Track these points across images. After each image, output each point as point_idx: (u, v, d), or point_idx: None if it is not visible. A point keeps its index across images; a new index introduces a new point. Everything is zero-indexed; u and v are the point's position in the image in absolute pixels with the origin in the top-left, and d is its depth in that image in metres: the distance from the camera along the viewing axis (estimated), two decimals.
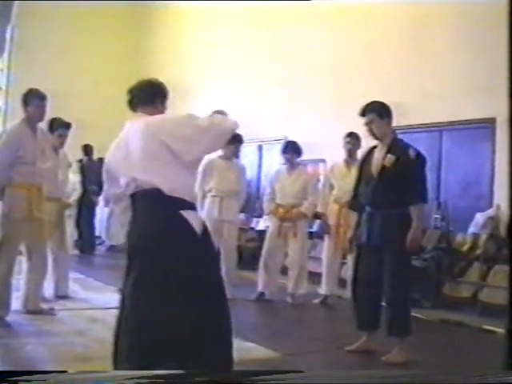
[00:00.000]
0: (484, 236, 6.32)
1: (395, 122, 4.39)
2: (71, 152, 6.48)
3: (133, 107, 3.07)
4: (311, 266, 6.97)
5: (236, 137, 5.79)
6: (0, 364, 3.71)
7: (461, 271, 6.40)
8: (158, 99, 3.09)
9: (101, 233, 10.39)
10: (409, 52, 7.71)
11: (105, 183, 3.10)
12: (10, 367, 3.54)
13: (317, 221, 7.43)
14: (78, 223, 9.37)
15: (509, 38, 2.65)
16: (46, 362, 3.71)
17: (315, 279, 6.98)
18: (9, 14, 12.47)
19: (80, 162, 9.79)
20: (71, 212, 7.45)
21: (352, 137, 6.13)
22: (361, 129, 4.63)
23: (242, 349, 3.85)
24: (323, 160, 8.37)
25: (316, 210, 6.45)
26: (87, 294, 6.14)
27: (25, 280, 5.00)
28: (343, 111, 7.61)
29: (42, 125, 5.17)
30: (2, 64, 12.82)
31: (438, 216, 6.97)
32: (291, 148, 6.48)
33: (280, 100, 9.62)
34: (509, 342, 2.66)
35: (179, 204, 2.82)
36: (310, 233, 7.32)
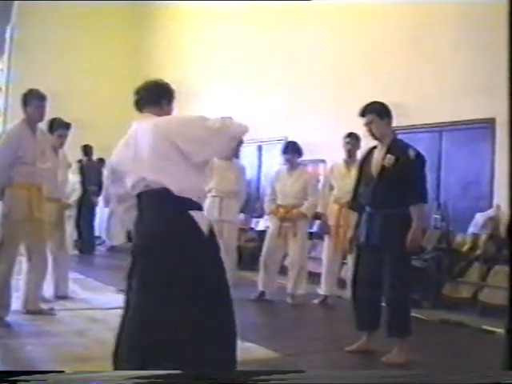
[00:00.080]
0: (484, 236, 6.32)
1: (395, 123, 4.39)
2: (71, 152, 6.46)
3: (139, 108, 3.07)
4: (311, 267, 6.96)
5: None
6: (0, 364, 3.71)
7: (461, 271, 6.39)
8: (165, 100, 3.08)
9: (101, 233, 10.43)
10: (409, 52, 7.71)
11: (107, 183, 3.09)
12: (10, 367, 3.53)
13: (317, 221, 7.42)
14: (78, 223, 9.34)
15: (509, 38, 2.65)
16: (46, 363, 3.71)
17: (315, 279, 6.98)
18: (9, 14, 12.48)
19: (80, 163, 9.77)
20: (71, 212, 7.44)
21: (352, 137, 6.12)
22: (361, 129, 4.62)
23: (242, 349, 3.80)
24: (323, 160, 8.36)
25: (316, 211, 6.45)
26: (87, 295, 6.13)
27: (25, 280, 5.00)
28: (343, 111, 7.60)
29: (42, 125, 5.17)
30: (2, 64, 12.82)
31: (438, 216, 6.97)
32: (292, 148, 6.47)
33: (280, 100, 9.61)
34: (509, 342, 2.66)
35: (187, 204, 2.82)
36: (310, 233, 7.31)
